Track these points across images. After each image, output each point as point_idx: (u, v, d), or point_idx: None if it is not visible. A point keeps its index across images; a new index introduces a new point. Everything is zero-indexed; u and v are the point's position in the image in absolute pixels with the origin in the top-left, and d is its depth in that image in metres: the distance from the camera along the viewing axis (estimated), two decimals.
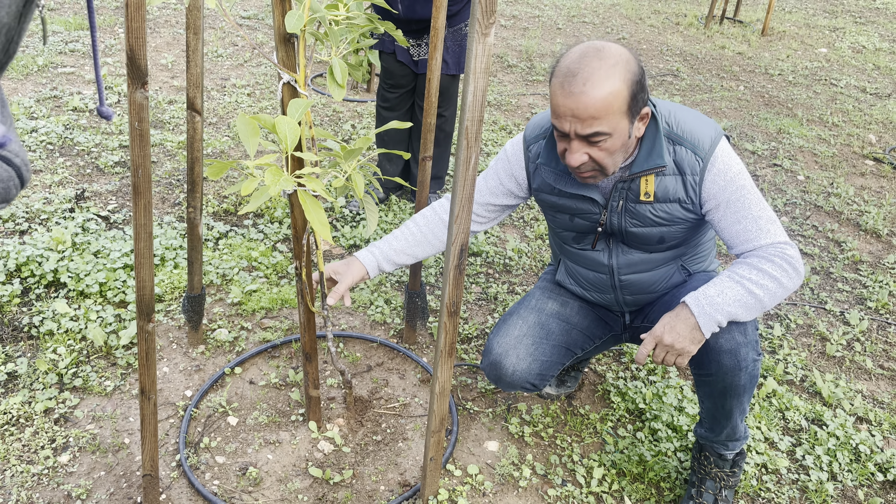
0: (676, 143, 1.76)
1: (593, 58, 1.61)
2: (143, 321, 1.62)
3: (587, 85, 1.59)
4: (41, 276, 2.73)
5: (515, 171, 1.97)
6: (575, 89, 1.60)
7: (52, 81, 4.85)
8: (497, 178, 2.01)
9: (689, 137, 1.76)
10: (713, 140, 1.75)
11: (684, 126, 1.77)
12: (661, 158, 1.73)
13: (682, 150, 1.76)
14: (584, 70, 1.60)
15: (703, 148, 1.75)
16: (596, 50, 1.62)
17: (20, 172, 0.79)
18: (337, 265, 1.97)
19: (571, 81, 1.61)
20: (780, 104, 5.91)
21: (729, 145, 1.80)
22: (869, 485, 2.21)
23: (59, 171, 3.61)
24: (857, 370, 2.75)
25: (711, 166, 1.75)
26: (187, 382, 2.36)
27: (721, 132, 1.79)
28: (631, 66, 1.63)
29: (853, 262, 3.53)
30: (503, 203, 2.04)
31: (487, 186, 2.03)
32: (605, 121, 1.62)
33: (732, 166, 1.75)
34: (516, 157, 1.97)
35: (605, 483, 2.11)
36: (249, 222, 3.33)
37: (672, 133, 1.76)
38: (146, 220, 1.52)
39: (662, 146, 1.73)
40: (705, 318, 1.69)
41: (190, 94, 2.08)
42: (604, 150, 1.67)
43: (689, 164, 1.76)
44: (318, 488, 2.02)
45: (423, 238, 2.02)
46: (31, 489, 1.93)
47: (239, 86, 5.14)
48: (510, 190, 2.01)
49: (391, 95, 3.44)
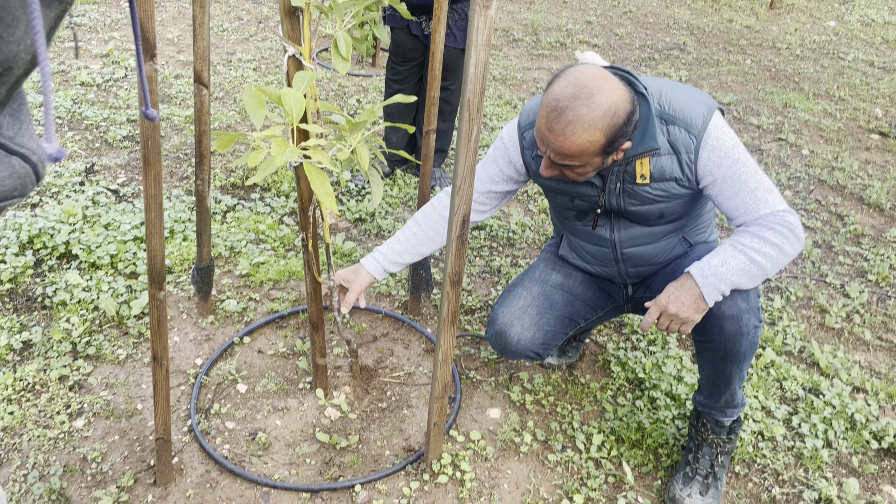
0: (669, 122, 1.79)
1: (583, 103, 1.62)
2: (154, 289, 1.66)
3: (568, 129, 1.63)
4: (53, 247, 2.78)
5: (513, 157, 2.01)
6: (556, 129, 1.65)
7: (60, 56, 4.88)
8: (496, 165, 2.05)
9: (681, 116, 1.78)
10: (705, 116, 1.78)
11: (676, 105, 1.79)
12: (655, 141, 1.76)
13: (675, 130, 1.78)
14: (569, 112, 1.63)
15: (695, 126, 1.77)
16: (589, 94, 1.63)
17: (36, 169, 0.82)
18: (345, 273, 2.05)
19: (556, 119, 1.64)
20: (786, 78, 5.88)
21: (722, 119, 1.82)
22: (864, 452, 2.26)
23: (69, 146, 3.65)
24: (855, 341, 2.78)
25: (705, 143, 1.77)
26: (197, 351, 2.42)
27: (713, 106, 1.81)
28: (617, 117, 1.65)
29: (855, 236, 3.55)
30: (504, 189, 2.08)
31: (487, 175, 2.06)
32: (578, 159, 1.70)
33: (726, 141, 1.78)
34: (512, 144, 2.00)
35: (604, 449, 2.16)
36: (256, 196, 3.37)
37: (664, 113, 1.79)
38: (156, 190, 1.56)
39: (655, 129, 1.76)
40: (709, 287, 1.73)
41: (197, 68, 2.11)
42: (575, 173, 1.77)
43: (684, 143, 1.78)
44: (326, 453, 2.08)
45: (424, 237, 2.07)
46: (47, 452, 2.00)
47: (245, 60, 5.15)
48: (510, 176, 2.05)
49: (402, 69, 3.45)
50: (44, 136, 0.77)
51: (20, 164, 0.78)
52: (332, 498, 1.94)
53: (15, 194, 0.79)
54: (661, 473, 2.11)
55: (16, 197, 0.80)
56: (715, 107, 1.81)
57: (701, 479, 2.00)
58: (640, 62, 6.00)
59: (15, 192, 0.79)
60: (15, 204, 0.82)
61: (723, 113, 1.88)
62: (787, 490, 2.10)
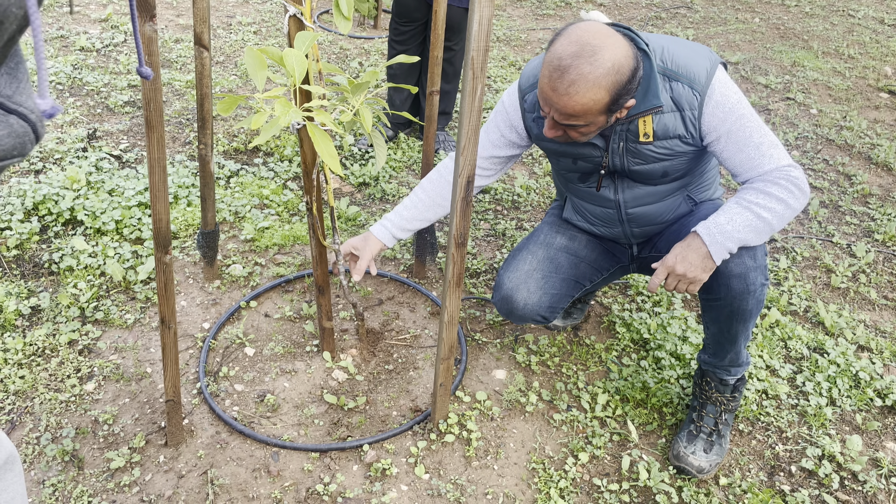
0: (672, 79, 1.76)
1: (586, 61, 1.59)
2: (160, 253, 1.67)
3: (571, 88, 1.61)
4: (58, 214, 2.78)
5: (514, 121, 1.99)
6: (560, 88, 1.62)
7: (59, 21, 4.82)
8: (498, 130, 2.03)
9: (684, 72, 1.75)
10: (709, 72, 1.75)
11: (679, 61, 1.76)
12: (657, 99, 1.74)
13: (678, 86, 1.76)
14: (573, 71, 1.60)
15: (699, 82, 1.75)
16: (592, 52, 1.59)
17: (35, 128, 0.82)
18: (355, 241, 2.05)
19: (559, 78, 1.61)
20: (795, 36, 5.79)
21: (726, 74, 1.79)
22: (867, 409, 2.28)
23: (70, 112, 3.63)
24: (860, 301, 2.79)
25: (709, 99, 1.75)
26: (205, 315, 2.44)
27: (717, 61, 1.78)
28: (621, 74, 1.62)
29: (862, 196, 3.53)
30: (507, 154, 2.07)
31: (490, 140, 2.04)
32: (583, 118, 1.67)
33: (730, 96, 1.75)
34: (513, 108, 1.98)
35: (608, 408, 2.18)
36: (260, 160, 3.36)
37: (667, 70, 1.76)
38: (160, 153, 1.55)
39: (658, 86, 1.73)
40: (717, 246, 1.72)
41: (197, 30, 2.08)
42: (578, 133, 1.74)
43: (687, 100, 1.76)
44: (333, 413, 2.11)
45: (431, 202, 2.06)
46: (59, 415, 2.03)
47: (245, 23, 5.09)
48: (512, 140, 2.03)
49: (405, 29, 3.41)
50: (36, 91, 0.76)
51: (18, 123, 0.77)
52: (340, 457, 1.97)
53: (14, 154, 0.79)
54: (666, 432, 2.14)
55: (15, 156, 0.80)
56: (718, 61, 1.79)
57: (705, 436, 2.02)
58: (647, 21, 5.90)
59: (14, 151, 0.78)
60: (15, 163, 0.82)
61: (726, 67, 1.86)
62: (790, 447, 2.12)
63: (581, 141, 1.80)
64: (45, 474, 1.86)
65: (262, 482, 1.89)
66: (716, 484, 1.99)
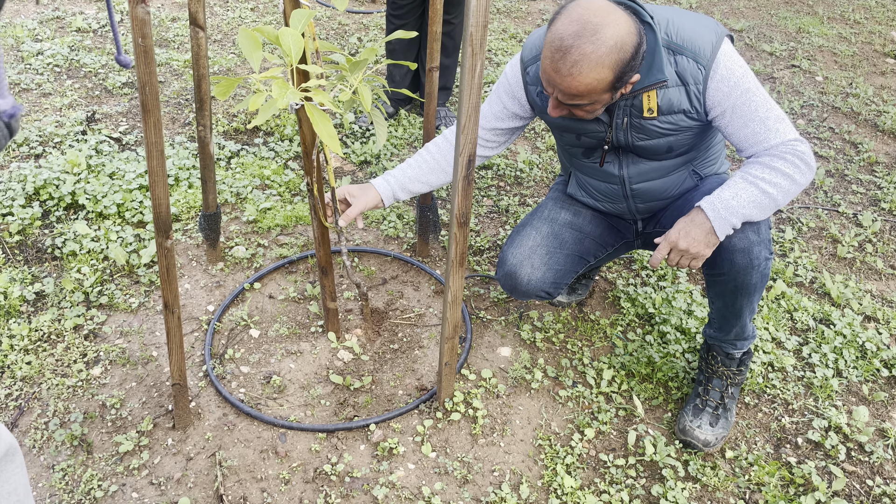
0: (677, 52, 1.73)
1: (588, 40, 1.56)
2: (161, 238, 1.66)
3: (574, 68, 1.58)
4: (59, 198, 2.77)
5: (517, 93, 1.96)
6: (563, 69, 1.59)
7: (55, 2, 4.77)
8: (500, 102, 2.00)
9: (689, 46, 1.72)
10: (714, 45, 1.72)
11: (683, 34, 1.73)
12: (662, 73, 1.71)
13: (683, 60, 1.73)
14: (575, 51, 1.57)
15: (704, 55, 1.71)
16: (594, 30, 1.56)
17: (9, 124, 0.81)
18: (352, 188, 2.00)
19: (562, 59, 1.59)
20: (800, 2, 5.69)
21: (731, 47, 1.76)
22: (874, 380, 2.27)
23: (69, 94, 3.61)
24: (867, 271, 2.77)
25: (714, 73, 1.72)
26: (209, 298, 2.43)
27: (723, 34, 1.75)
28: (624, 51, 1.59)
29: (869, 164, 3.49)
30: (510, 126, 2.04)
31: (492, 111, 2.02)
32: (587, 97, 1.65)
33: (735, 70, 1.72)
34: (516, 80, 1.95)
35: (614, 384, 2.18)
36: (260, 140, 3.34)
37: (672, 43, 1.73)
38: (157, 137, 1.53)
39: (662, 60, 1.70)
40: (721, 221, 1.71)
41: (192, 9, 2.05)
42: (584, 111, 1.72)
43: (692, 74, 1.73)
44: (340, 394, 2.11)
45: (436, 165, 2.03)
46: (67, 400, 2.04)
47: (241, 0, 5.02)
48: (515, 112, 2.00)
49: (403, 3, 3.35)
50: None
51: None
52: (347, 437, 1.98)
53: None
54: (672, 406, 2.14)
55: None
56: (724, 34, 1.75)
57: (711, 410, 2.02)
58: None
59: None
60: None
61: (732, 40, 1.82)
62: (796, 419, 2.12)
63: (587, 119, 1.78)
64: (54, 459, 1.87)
65: (269, 463, 1.90)
66: (722, 457, 1.99)
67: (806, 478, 1.93)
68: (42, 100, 3.55)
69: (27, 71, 3.80)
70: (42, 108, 3.48)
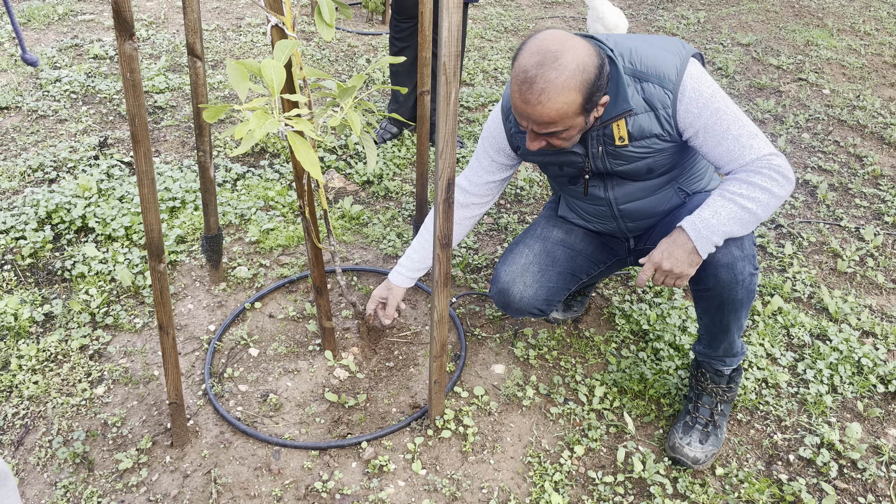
0: (643, 80, 1.77)
1: (550, 68, 1.61)
2: (154, 262, 1.72)
3: (542, 96, 1.62)
4: (70, 222, 2.87)
5: (500, 144, 2.03)
6: (531, 99, 1.64)
7: (73, 30, 4.93)
8: (488, 156, 2.07)
9: (653, 72, 1.76)
10: (679, 68, 1.75)
11: (647, 61, 1.77)
12: (627, 103, 1.75)
13: (649, 87, 1.76)
14: (539, 80, 1.62)
15: (669, 80, 1.75)
16: (554, 57, 1.61)
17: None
18: (379, 292, 2.23)
19: (528, 90, 1.64)
20: (810, 14, 5.68)
21: (698, 68, 1.79)
22: (870, 396, 2.26)
23: (84, 120, 3.72)
24: (867, 285, 2.75)
25: (682, 96, 1.75)
26: (210, 317, 2.50)
27: (688, 56, 1.78)
28: (587, 72, 1.64)
29: (873, 177, 3.47)
30: (501, 177, 2.11)
31: (482, 166, 2.09)
32: (561, 124, 1.69)
33: (703, 91, 1.75)
34: (498, 130, 2.01)
35: (606, 401, 2.20)
36: (266, 162, 3.41)
37: (636, 71, 1.77)
38: (147, 166, 1.60)
39: (626, 90, 1.75)
40: (702, 241, 1.73)
41: (189, 40, 2.13)
42: (560, 139, 1.76)
43: (659, 99, 1.77)
44: (335, 411, 2.16)
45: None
46: (71, 418, 2.10)
47: (254, 24, 5.15)
48: (502, 163, 2.07)
49: (405, 26, 3.42)
50: None
51: None
52: (339, 455, 2.02)
53: None
54: (663, 423, 2.15)
55: None
56: (689, 55, 1.78)
57: (701, 427, 2.03)
58: (658, 4, 5.84)
59: None
60: None
61: (702, 59, 1.86)
62: (788, 436, 2.11)
63: (566, 147, 1.81)
64: (56, 476, 1.94)
65: (263, 480, 1.94)
66: (712, 474, 2.00)
67: (796, 495, 1.93)
68: (58, 126, 3.67)
69: (45, 98, 3.92)
70: (58, 133, 3.59)
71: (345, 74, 4.42)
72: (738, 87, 4.37)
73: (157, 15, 5.23)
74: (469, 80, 4.43)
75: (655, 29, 5.32)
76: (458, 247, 2.90)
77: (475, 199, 2.14)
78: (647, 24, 5.43)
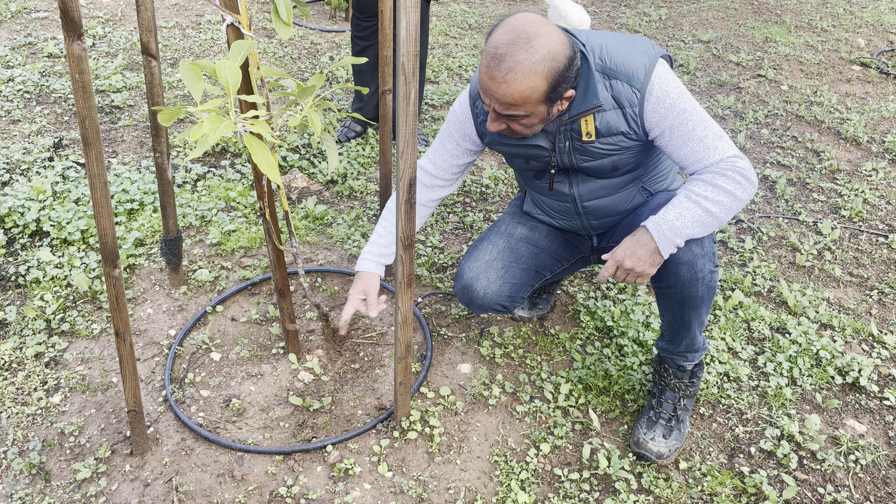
0: (611, 77, 1.77)
1: (522, 48, 1.61)
2: (108, 267, 1.68)
3: (509, 75, 1.62)
4: (24, 226, 2.79)
5: (467, 129, 2.02)
6: (497, 76, 1.64)
7: (27, 28, 4.79)
8: (453, 140, 2.05)
9: (622, 70, 1.77)
10: (647, 68, 1.76)
11: (617, 59, 1.78)
12: (597, 98, 1.76)
13: (618, 84, 1.77)
14: (509, 58, 1.62)
15: (637, 78, 1.76)
16: (527, 39, 1.62)
17: None
18: (356, 290, 2.10)
19: (497, 66, 1.63)
20: (769, 11, 5.77)
21: (666, 69, 1.80)
22: (828, 388, 2.30)
23: (37, 120, 3.62)
24: (825, 278, 2.81)
25: (649, 95, 1.76)
26: (171, 322, 2.45)
27: (656, 56, 1.79)
28: (557, 61, 1.64)
29: (830, 172, 3.54)
30: (465, 161, 2.10)
31: (446, 149, 2.07)
32: (522, 108, 1.69)
33: (670, 92, 1.77)
34: (465, 115, 2.00)
35: (571, 398, 2.21)
36: (227, 162, 3.36)
37: (606, 68, 1.78)
38: (99, 170, 1.56)
39: (596, 86, 1.75)
40: (665, 242, 1.75)
41: (143, 39, 2.08)
42: (521, 125, 1.75)
43: (627, 97, 1.78)
44: (299, 415, 2.13)
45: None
46: (26, 428, 2.05)
47: (214, 22, 5.06)
48: (467, 148, 2.06)
49: (367, 24, 3.39)
50: None
51: None
52: (304, 459, 2.00)
53: None
54: (628, 419, 2.16)
55: None
56: (658, 56, 1.79)
57: (664, 422, 2.05)
58: (620, 1, 5.88)
59: None
60: None
61: (671, 60, 1.87)
62: (750, 428, 2.15)
63: (526, 134, 1.81)
64: (12, 488, 1.88)
65: (226, 487, 1.91)
66: (676, 468, 2.02)
67: (758, 487, 1.96)
68: (11, 127, 3.57)
69: None
70: (11, 135, 3.49)
71: (307, 72, 4.37)
72: (698, 84, 4.43)
73: (114, 12, 5.11)
74: (434, 78, 4.41)
75: (618, 26, 5.36)
76: (424, 246, 2.88)
77: (439, 182, 2.13)
78: (609, 21, 5.47)
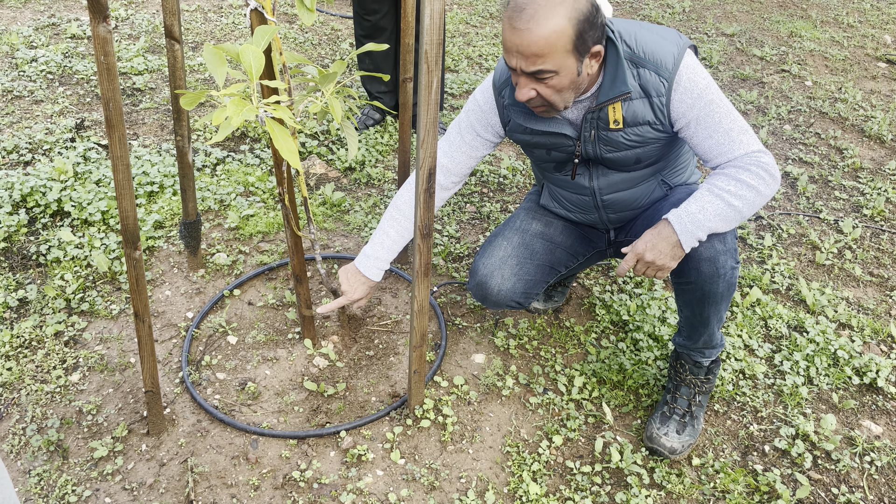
0: (639, 65, 1.75)
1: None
2: (129, 249, 1.69)
3: (531, 22, 1.60)
4: (46, 205, 2.82)
5: (490, 118, 1.99)
6: (520, 25, 1.61)
7: (51, 8, 4.83)
8: (472, 130, 2.03)
9: (651, 58, 1.75)
10: (676, 58, 1.74)
11: (646, 47, 1.76)
12: (625, 85, 1.74)
13: (645, 73, 1.75)
14: (529, 6, 1.60)
15: (666, 68, 1.74)
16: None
17: None
18: (353, 288, 2.09)
19: (518, 17, 1.61)
20: (794, 5, 5.69)
21: (694, 59, 1.78)
22: (845, 388, 2.29)
23: (60, 101, 3.65)
24: (845, 277, 2.78)
25: (677, 85, 1.74)
26: (188, 304, 2.47)
27: (684, 46, 1.77)
28: (579, 4, 1.62)
29: (853, 170, 3.50)
30: (481, 155, 2.09)
31: (464, 140, 2.04)
32: (549, 59, 1.64)
33: (698, 82, 1.75)
34: (489, 105, 1.98)
35: (585, 391, 2.20)
36: (247, 147, 3.37)
37: (634, 56, 1.75)
38: (122, 151, 1.57)
39: (625, 72, 1.73)
40: (687, 235, 1.73)
41: (167, 22, 2.09)
42: (550, 88, 1.70)
43: (654, 86, 1.75)
44: (313, 400, 2.15)
45: (412, 215, 2.06)
46: (45, 406, 2.08)
47: (236, 6, 5.07)
48: (487, 139, 2.04)
49: (367, 23, 3.33)
50: None
51: None
52: (318, 444, 2.01)
53: None
54: (641, 413, 2.16)
55: None
56: (686, 46, 1.77)
57: (678, 417, 2.04)
58: None
59: None
60: None
61: (696, 51, 1.85)
62: (764, 427, 2.13)
63: (557, 106, 1.75)
64: (30, 464, 1.91)
65: (240, 469, 1.93)
66: (688, 464, 2.01)
67: (771, 485, 1.95)
68: (34, 107, 3.60)
69: (20, 78, 3.85)
70: (33, 115, 3.52)
71: (327, 59, 4.37)
72: (721, 78, 4.38)
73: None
74: (454, 67, 4.40)
75: (641, 17, 5.31)
76: (440, 235, 2.88)
77: (454, 179, 2.11)
78: (632, 11, 5.42)
